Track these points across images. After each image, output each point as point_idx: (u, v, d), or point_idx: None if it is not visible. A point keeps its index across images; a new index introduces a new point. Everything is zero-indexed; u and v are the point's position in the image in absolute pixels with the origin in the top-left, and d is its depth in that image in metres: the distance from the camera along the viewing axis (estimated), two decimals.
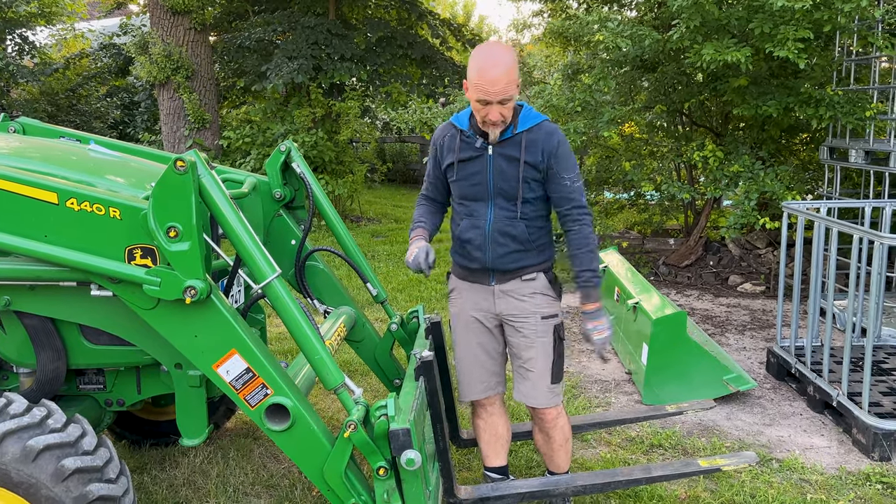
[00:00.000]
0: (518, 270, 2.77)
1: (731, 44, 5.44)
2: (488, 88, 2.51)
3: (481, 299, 2.83)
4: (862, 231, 3.81)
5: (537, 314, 2.78)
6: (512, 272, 2.77)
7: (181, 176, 2.15)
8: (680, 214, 8.97)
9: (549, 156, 2.66)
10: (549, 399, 2.82)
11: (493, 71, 2.51)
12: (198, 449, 3.56)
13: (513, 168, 2.68)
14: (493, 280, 2.79)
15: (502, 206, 2.72)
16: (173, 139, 10.13)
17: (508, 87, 2.52)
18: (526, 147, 2.67)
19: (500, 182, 2.70)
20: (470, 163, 2.73)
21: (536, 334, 2.78)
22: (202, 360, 2.30)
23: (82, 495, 2.16)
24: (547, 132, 2.69)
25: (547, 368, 2.79)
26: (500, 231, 2.72)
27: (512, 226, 2.72)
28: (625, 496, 3.18)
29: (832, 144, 6.19)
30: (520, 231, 2.72)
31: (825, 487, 3.32)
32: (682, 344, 4.22)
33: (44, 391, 2.57)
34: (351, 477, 2.33)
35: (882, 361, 4.52)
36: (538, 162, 2.67)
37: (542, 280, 2.80)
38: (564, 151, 2.69)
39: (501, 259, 2.75)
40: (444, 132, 2.84)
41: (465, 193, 2.77)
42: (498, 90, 2.51)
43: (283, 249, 3.25)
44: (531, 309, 2.78)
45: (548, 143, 2.67)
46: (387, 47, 10.89)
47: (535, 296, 2.78)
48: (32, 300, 2.47)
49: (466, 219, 2.78)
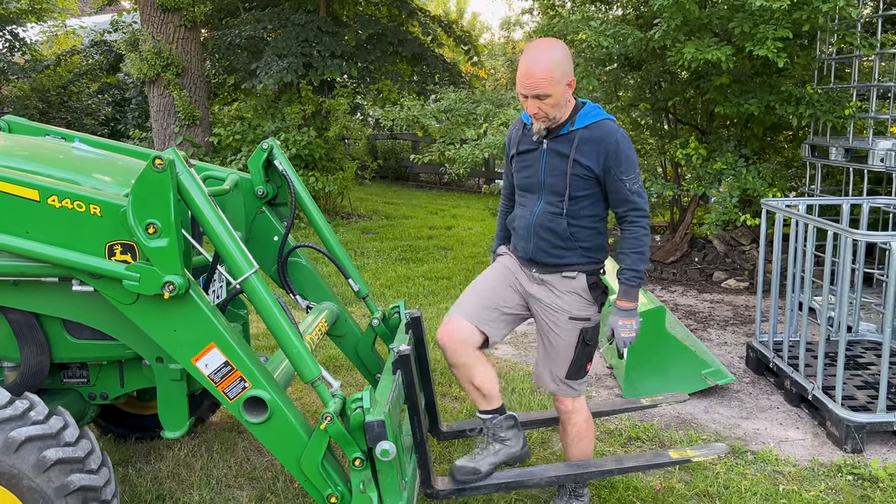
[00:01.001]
0: (558, 266, 2.80)
1: (713, 42, 5.50)
2: (523, 81, 2.62)
3: (523, 279, 2.90)
4: (835, 227, 3.88)
5: (568, 313, 2.80)
6: (552, 266, 2.81)
7: (159, 173, 2.20)
8: (666, 211, 9.05)
9: (605, 156, 2.67)
10: (563, 390, 2.88)
11: (530, 66, 2.61)
12: (182, 442, 3.61)
13: (563, 164, 2.72)
14: (535, 269, 2.86)
15: (549, 202, 2.78)
16: (164, 136, 10.15)
17: (542, 83, 2.59)
18: (578, 145, 2.69)
19: (549, 177, 2.76)
20: (528, 155, 2.82)
21: (561, 330, 2.81)
22: (181, 354, 2.36)
23: (64, 486, 2.21)
24: (606, 131, 2.69)
25: (564, 363, 2.84)
26: (542, 225, 2.78)
27: (554, 222, 2.76)
28: (601, 487, 3.25)
29: (814, 142, 6.27)
30: (562, 228, 2.75)
31: (797, 479, 3.39)
32: (661, 339, 4.29)
33: (28, 385, 2.62)
34: (328, 468, 2.38)
35: (859, 356, 4.60)
36: (591, 161, 2.68)
37: (582, 281, 2.80)
38: (623, 151, 2.68)
39: (541, 252, 2.80)
40: (515, 126, 2.95)
41: (521, 185, 2.88)
42: (531, 83, 2.60)
43: (265, 246, 3.30)
44: (563, 307, 2.81)
45: (605, 142, 2.67)
46: (377, 44, 10.94)
47: (570, 294, 2.80)
48: (16, 295, 2.52)
49: (519, 208, 2.91)
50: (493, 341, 2.91)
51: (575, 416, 2.92)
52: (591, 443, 2.99)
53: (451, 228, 10.47)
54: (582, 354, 2.82)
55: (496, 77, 15.70)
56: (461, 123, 7.33)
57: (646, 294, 4.65)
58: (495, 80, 14.01)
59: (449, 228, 10.46)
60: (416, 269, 7.65)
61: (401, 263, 8.01)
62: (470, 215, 11.81)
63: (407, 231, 10.05)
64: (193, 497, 3.15)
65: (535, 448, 3.65)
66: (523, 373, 4.70)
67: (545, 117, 2.69)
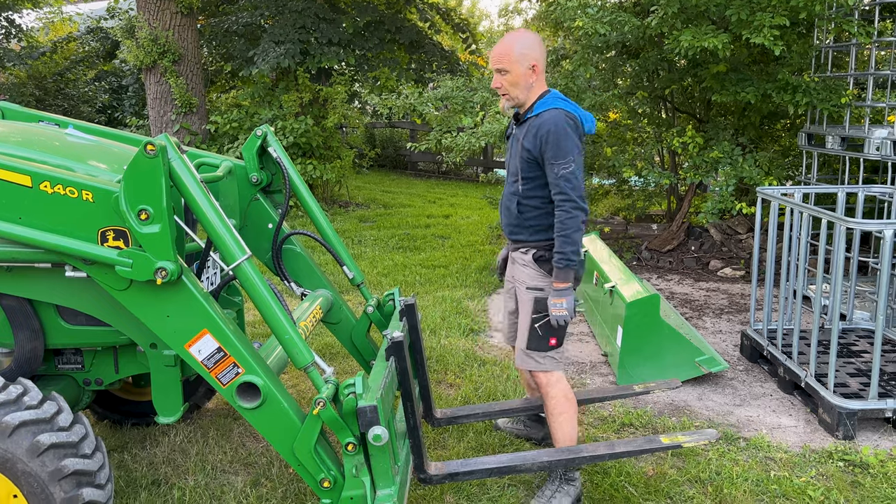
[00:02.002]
0: (515, 242, 3.11)
1: (710, 30, 5.49)
2: (490, 56, 3.01)
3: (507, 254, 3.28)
4: (830, 215, 3.89)
5: (525, 283, 3.06)
6: (513, 242, 3.13)
7: (151, 159, 2.20)
8: (664, 200, 9.06)
9: (541, 141, 2.87)
10: (526, 362, 3.06)
11: (498, 44, 2.98)
12: (178, 428, 3.63)
13: (517, 148, 2.99)
14: (510, 246, 3.19)
15: (510, 183, 3.08)
16: (160, 123, 10.12)
17: (502, 58, 2.91)
18: (527, 130, 2.94)
19: (511, 160, 3.07)
20: (509, 140, 3.17)
21: (523, 302, 3.07)
22: (174, 340, 2.37)
23: (58, 470, 2.22)
24: (547, 118, 2.87)
25: (524, 333, 3.05)
26: (504, 204, 3.13)
27: (510, 201, 3.06)
28: (593, 472, 3.28)
29: (810, 131, 6.26)
30: (514, 207, 3.04)
31: (788, 465, 3.42)
32: (655, 326, 4.31)
33: (22, 370, 2.63)
34: (321, 453, 2.40)
35: (852, 344, 4.62)
36: (532, 146, 2.90)
37: (531, 255, 3.04)
38: (554, 139, 2.83)
39: (506, 229, 3.15)
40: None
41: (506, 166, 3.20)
42: (494, 58, 2.96)
43: (260, 233, 3.31)
44: (521, 277, 3.08)
45: (542, 128, 2.87)
46: (375, 32, 10.89)
47: (525, 267, 3.06)
48: (9, 281, 2.53)
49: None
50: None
51: (551, 391, 3.04)
52: (572, 419, 3.06)
53: (449, 217, 10.47)
54: (539, 325, 2.99)
55: None
56: (458, 111, 7.31)
57: (640, 282, 4.67)
58: None
59: (447, 217, 10.46)
60: (414, 258, 7.66)
61: (398, 252, 8.02)
62: (468, 204, 11.81)
63: (404, 220, 10.06)
64: (189, 482, 3.17)
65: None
66: None
67: (507, 94, 2.96)
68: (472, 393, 4.15)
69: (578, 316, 5.79)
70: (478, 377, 4.39)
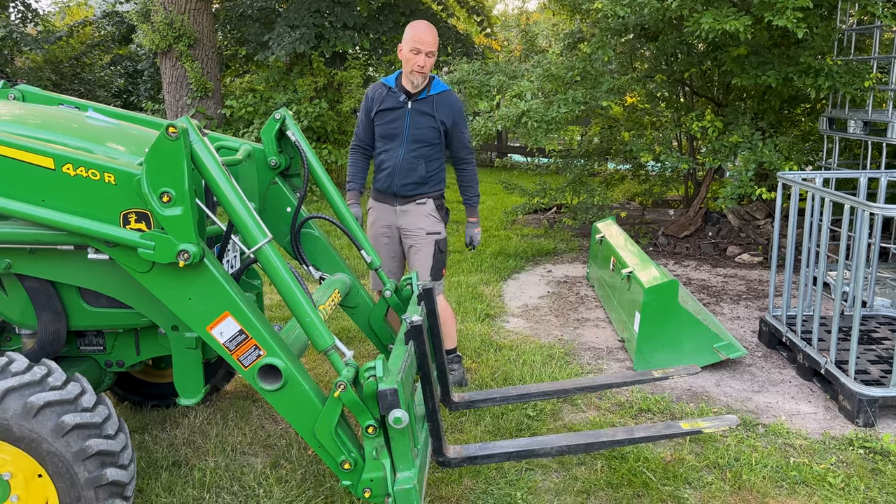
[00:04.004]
0: (414, 196, 3.82)
1: (731, 12, 5.41)
2: (423, 39, 3.62)
3: (388, 213, 3.87)
4: (852, 200, 3.83)
5: (424, 230, 3.84)
6: (409, 197, 3.82)
7: (173, 142, 2.20)
8: (681, 185, 8.98)
9: (454, 115, 3.79)
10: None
11: (426, 31, 3.66)
12: (198, 410, 3.66)
13: (425, 120, 3.74)
14: (396, 202, 3.84)
15: (411, 148, 3.76)
16: (176, 108, 10.14)
17: (434, 45, 3.65)
18: (436, 106, 3.75)
19: (413, 129, 3.74)
20: (392, 112, 3.77)
21: (422, 245, 3.84)
22: (197, 322, 2.38)
23: (82, 450, 2.25)
24: (454, 98, 3.84)
25: (426, 269, 3.85)
26: (405, 167, 3.77)
27: (415, 163, 3.77)
28: (611, 458, 3.28)
29: (832, 115, 6.17)
30: (420, 167, 3.78)
31: (808, 451, 3.40)
32: (673, 312, 4.28)
33: (45, 352, 2.66)
34: (341, 435, 2.41)
35: (873, 331, 4.58)
36: (446, 118, 3.76)
37: (431, 205, 3.86)
38: (463, 113, 3.88)
39: (403, 187, 3.79)
40: (376, 89, 3.87)
41: (385, 134, 3.80)
42: (430, 41, 3.63)
43: (279, 217, 3.30)
44: (420, 225, 3.83)
45: (453, 106, 3.80)
46: (389, 15, 10.84)
47: (424, 217, 3.84)
48: (32, 263, 2.55)
49: (383, 153, 3.83)
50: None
51: (442, 303, 3.88)
52: (455, 326, 4.15)
53: None
54: (438, 260, 3.87)
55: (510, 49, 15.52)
56: (474, 95, 7.26)
57: (658, 268, 4.64)
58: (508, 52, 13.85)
59: (461, 202, 10.42)
60: None
61: None
62: (482, 189, 11.71)
63: None
64: (209, 463, 3.20)
65: (545, 419, 3.67)
66: (534, 345, 4.71)
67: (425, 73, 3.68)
68: (489, 377, 4.16)
69: (595, 302, 5.77)
70: (494, 362, 4.40)
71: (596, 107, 7.16)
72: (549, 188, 8.25)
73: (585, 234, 8.12)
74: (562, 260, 7.23)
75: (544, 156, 12.67)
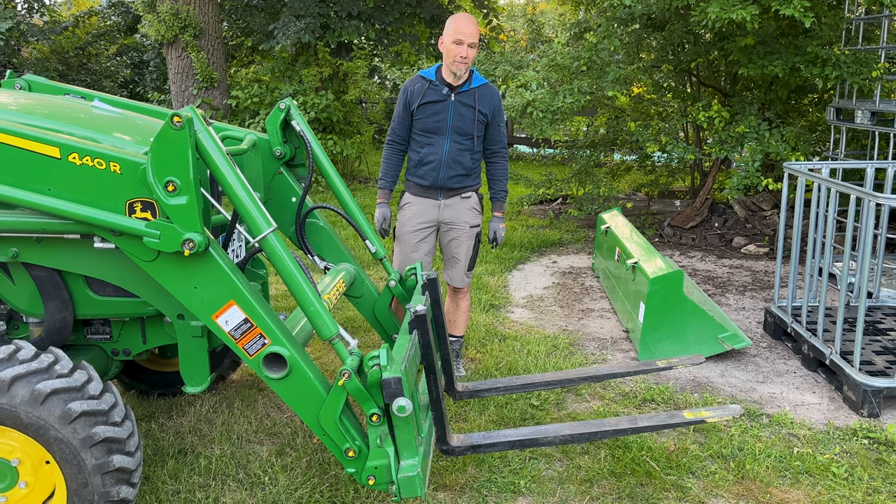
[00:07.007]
0: (459, 189, 3.80)
1: (738, 2, 5.37)
2: (466, 30, 3.59)
3: (431, 209, 3.81)
4: (859, 191, 3.82)
5: (467, 223, 3.84)
6: (455, 190, 3.80)
7: (178, 131, 2.21)
8: (687, 176, 8.95)
9: (495, 107, 3.77)
10: (464, 281, 3.94)
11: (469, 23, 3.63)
12: (203, 398, 3.69)
13: (469, 112, 3.70)
14: (440, 196, 3.79)
15: (456, 140, 3.71)
16: (182, 98, 10.15)
17: (477, 36, 3.62)
18: (478, 98, 3.72)
19: (457, 122, 3.70)
20: (435, 105, 3.70)
21: (465, 238, 3.85)
22: (202, 311, 2.39)
23: (88, 437, 2.27)
24: (494, 90, 3.81)
25: (466, 261, 3.89)
26: (452, 159, 3.72)
27: (462, 155, 3.74)
28: (615, 447, 3.29)
29: (839, 105, 6.14)
30: (466, 160, 3.75)
31: (812, 441, 3.40)
32: (678, 302, 4.28)
33: (52, 340, 2.68)
34: (346, 423, 2.43)
35: (879, 322, 4.57)
36: (487, 109, 3.73)
37: (475, 198, 3.88)
38: (502, 106, 3.85)
39: (449, 180, 3.75)
40: (416, 83, 3.77)
41: (428, 128, 3.72)
42: (472, 32, 3.59)
43: (283, 207, 3.31)
44: (465, 219, 3.83)
45: (494, 98, 3.77)
46: (395, 5, 10.78)
47: (468, 210, 3.84)
48: (39, 252, 2.56)
49: (426, 147, 3.74)
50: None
51: (467, 295, 4.03)
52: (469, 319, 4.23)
53: None
54: (476, 252, 3.93)
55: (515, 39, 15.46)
56: None
57: (663, 258, 4.64)
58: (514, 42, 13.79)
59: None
60: None
61: None
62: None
63: None
64: (215, 451, 3.22)
65: (549, 409, 3.68)
66: (539, 335, 4.72)
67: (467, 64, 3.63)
68: (493, 367, 4.17)
69: (600, 292, 5.77)
70: (498, 352, 4.41)
71: (602, 97, 7.14)
72: (554, 179, 8.24)
73: (591, 224, 8.11)
74: (567, 251, 7.23)
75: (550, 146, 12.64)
